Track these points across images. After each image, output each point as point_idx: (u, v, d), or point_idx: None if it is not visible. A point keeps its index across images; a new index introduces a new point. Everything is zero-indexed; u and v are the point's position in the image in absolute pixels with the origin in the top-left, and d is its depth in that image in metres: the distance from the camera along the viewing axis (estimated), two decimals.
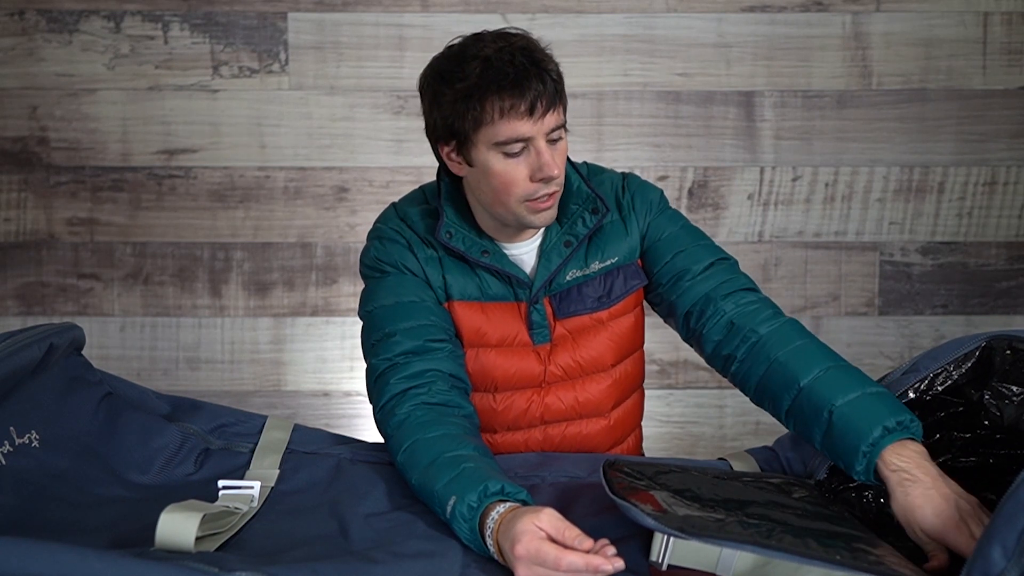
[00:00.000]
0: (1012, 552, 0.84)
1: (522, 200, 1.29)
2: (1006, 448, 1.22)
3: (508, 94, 1.23)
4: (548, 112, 1.25)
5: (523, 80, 1.24)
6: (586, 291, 1.39)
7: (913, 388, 1.23)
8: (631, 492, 1.04)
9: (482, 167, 1.29)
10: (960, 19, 2.46)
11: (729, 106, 2.47)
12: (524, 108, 1.24)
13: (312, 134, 2.47)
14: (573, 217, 1.37)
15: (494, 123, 1.25)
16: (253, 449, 1.28)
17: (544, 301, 1.38)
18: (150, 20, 2.43)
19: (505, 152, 1.27)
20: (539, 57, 1.27)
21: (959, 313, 2.52)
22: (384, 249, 1.38)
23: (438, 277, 1.36)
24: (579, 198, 1.38)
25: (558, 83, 1.28)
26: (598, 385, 1.41)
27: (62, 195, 2.47)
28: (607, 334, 1.40)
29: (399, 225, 1.40)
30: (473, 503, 1.07)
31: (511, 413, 1.40)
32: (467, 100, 1.25)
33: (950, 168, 2.49)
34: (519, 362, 1.38)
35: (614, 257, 1.40)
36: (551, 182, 1.28)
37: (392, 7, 2.44)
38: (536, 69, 1.25)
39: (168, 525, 0.95)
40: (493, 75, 1.24)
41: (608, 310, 1.40)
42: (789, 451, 1.31)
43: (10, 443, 1.07)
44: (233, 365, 2.51)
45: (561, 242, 1.37)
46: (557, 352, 1.39)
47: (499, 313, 1.37)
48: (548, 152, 1.26)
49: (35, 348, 1.14)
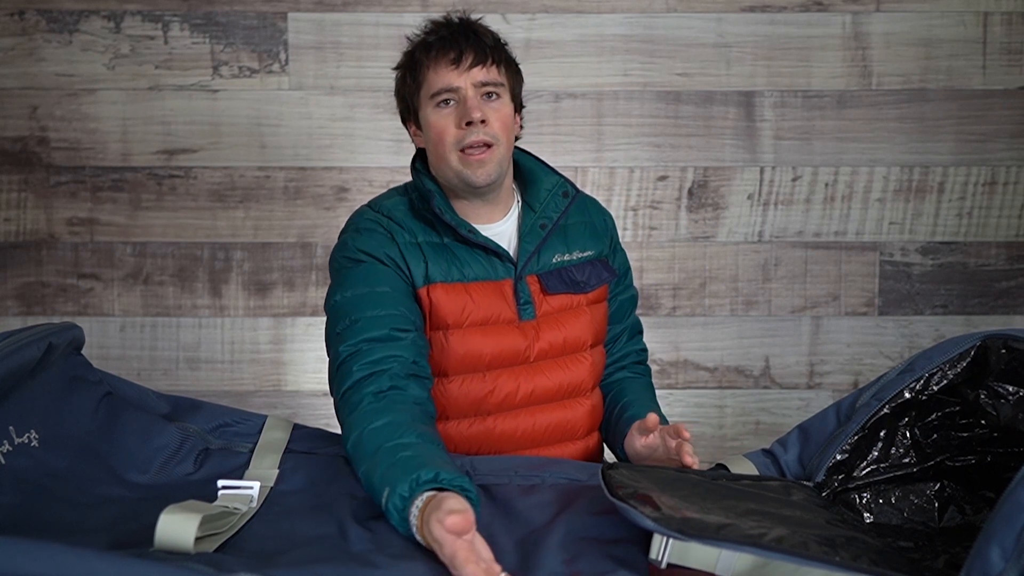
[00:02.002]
0: (1011, 553, 0.84)
1: (454, 149, 1.40)
2: (1003, 447, 1.22)
3: (437, 48, 1.40)
4: (476, 66, 1.39)
5: (450, 37, 1.40)
6: (570, 274, 1.49)
7: (909, 388, 1.23)
8: (630, 494, 1.04)
9: (425, 124, 1.43)
10: (960, 19, 2.46)
11: (729, 106, 2.47)
12: (451, 58, 1.39)
13: (312, 134, 2.47)
14: (543, 202, 1.49)
15: (427, 78, 1.41)
16: (252, 449, 1.28)
17: (528, 279, 1.45)
18: (150, 20, 2.44)
19: (437, 102, 1.40)
20: (473, 24, 1.43)
21: (959, 313, 2.52)
22: (362, 238, 1.42)
23: (419, 262, 1.41)
24: (547, 183, 1.50)
25: (493, 45, 1.42)
26: (580, 364, 1.49)
27: (62, 195, 2.47)
28: (587, 317, 1.50)
29: (375, 216, 1.45)
30: (404, 493, 1.06)
31: (500, 393, 1.43)
32: (409, 69, 1.44)
33: (950, 168, 2.49)
34: (504, 339, 1.43)
35: (591, 250, 1.53)
36: (478, 128, 1.38)
37: (392, 7, 2.44)
38: (465, 29, 1.42)
39: (167, 526, 0.95)
40: (425, 41, 1.43)
41: (587, 295, 1.50)
42: (787, 454, 1.31)
43: (9, 443, 1.07)
44: (233, 365, 2.51)
45: (537, 224, 1.47)
46: (543, 328, 1.45)
47: (482, 292, 1.43)
48: (474, 100, 1.39)
49: (34, 348, 1.14)
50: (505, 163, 1.44)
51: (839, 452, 1.24)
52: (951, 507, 1.25)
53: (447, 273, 1.41)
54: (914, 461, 1.26)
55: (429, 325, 1.41)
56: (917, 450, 1.26)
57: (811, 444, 1.29)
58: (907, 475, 1.26)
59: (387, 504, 1.07)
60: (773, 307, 2.51)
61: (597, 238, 1.55)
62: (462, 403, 1.43)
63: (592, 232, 1.55)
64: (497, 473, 1.25)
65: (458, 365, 1.41)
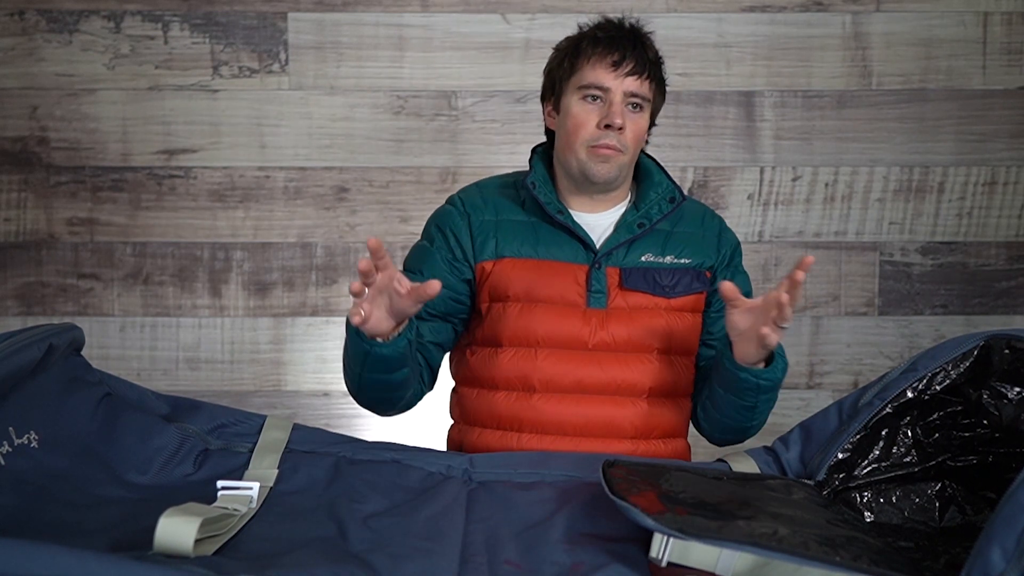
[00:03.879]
0: (1012, 554, 0.84)
1: (586, 144, 1.45)
2: (1005, 447, 1.22)
3: (602, 46, 1.45)
4: (632, 75, 1.44)
5: (618, 39, 1.45)
6: (656, 276, 1.49)
7: (911, 387, 1.23)
8: (630, 492, 1.04)
9: (564, 111, 1.48)
10: (960, 19, 2.46)
11: (729, 106, 2.47)
12: (611, 60, 1.44)
13: (312, 134, 2.47)
14: (650, 203, 1.52)
15: (582, 69, 1.45)
16: (252, 449, 1.27)
17: (608, 270, 1.48)
18: (150, 20, 2.43)
19: (584, 95, 1.45)
20: (641, 33, 1.48)
21: (959, 313, 2.52)
22: (442, 212, 1.57)
23: (489, 238, 1.50)
24: (659, 188, 1.53)
25: (653, 60, 1.48)
26: (640, 366, 1.47)
27: (62, 195, 2.47)
28: (663, 321, 1.48)
29: (469, 192, 1.57)
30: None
31: (550, 371, 1.46)
32: (568, 53, 1.48)
33: (950, 168, 2.49)
34: (565, 321, 1.46)
35: (689, 259, 1.52)
36: (614, 134, 1.44)
37: (392, 7, 2.43)
38: (634, 37, 1.47)
39: (167, 529, 0.94)
40: (594, 34, 1.47)
41: (670, 300, 1.49)
42: (788, 452, 1.31)
43: (9, 443, 1.07)
44: (233, 365, 2.51)
45: (635, 222, 1.50)
46: (611, 320, 1.46)
47: (553, 272, 1.47)
48: (620, 106, 1.44)
49: (35, 348, 1.14)
50: (627, 169, 1.50)
51: (841, 451, 1.24)
52: (952, 507, 1.25)
53: (520, 249, 1.49)
54: (915, 461, 1.26)
55: (489, 296, 1.50)
56: (918, 449, 1.26)
57: (813, 442, 1.29)
58: (908, 474, 1.26)
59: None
60: None
61: (702, 250, 1.54)
62: (510, 375, 1.47)
63: (698, 243, 1.54)
64: (497, 470, 1.25)
65: (512, 337, 1.47)
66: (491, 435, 1.50)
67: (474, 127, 2.47)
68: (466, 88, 2.46)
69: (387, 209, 2.48)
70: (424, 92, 2.46)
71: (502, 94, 2.46)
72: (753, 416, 1.44)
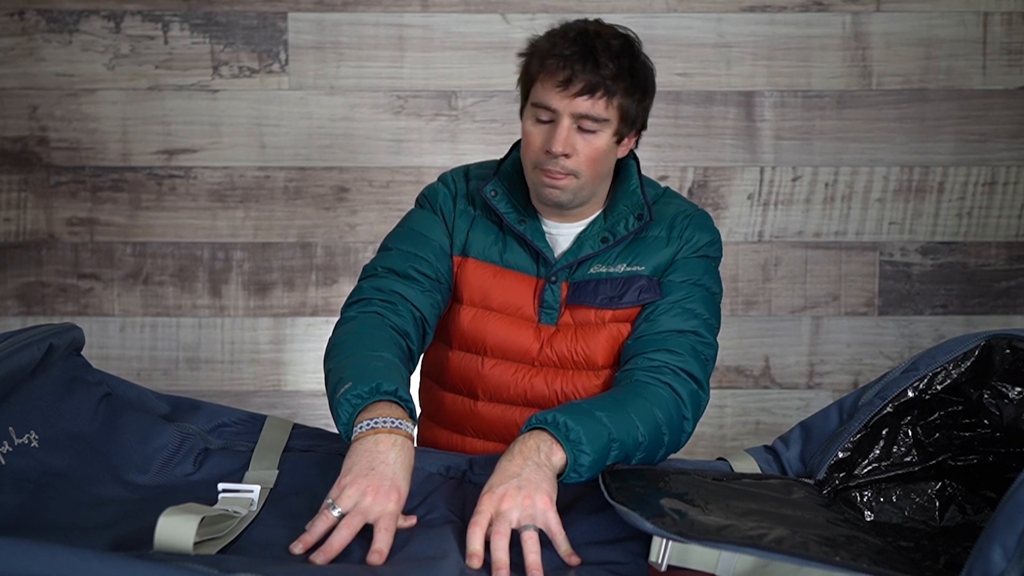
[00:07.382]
0: (1012, 553, 0.84)
1: (533, 166, 1.36)
2: (1005, 447, 1.22)
3: (553, 61, 1.31)
4: (583, 95, 1.30)
5: (567, 57, 1.30)
6: (601, 288, 1.40)
7: (912, 387, 1.23)
8: (629, 496, 1.04)
9: (522, 123, 1.38)
10: (960, 19, 2.46)
11: (729, 106, 2.47)
12: (560, 79, 1.30)
13: (312, 134, 2.47)
14: (618, 217, 1.42)
15: (535, 85, 1.34)
16: (252, 449, 1.28)
17: (562, 284, 1.42)
18: (150, 20, 2.43)
19: (535, 115, 1.34)
20: (598, 47, 1.30)
21: (959, 313, 2.52)
22: (433, 188, 1.49)
23: (462, 232, 1.44)
24: (630, 201, 1.43)
25: (612, 75, 1.30)
26: (587, 382, 1.42)
27: (62, 195, 2.47)
28: (605, 334, 1.41)
29: (458, 176, 1.50)
30: (364, 393, 1.12)
31: (495, 381, 1.43)
32: (526, 65, 1.38)
33: (950, 168, 2.49)
34: (516, 333, 1.42)
35: (643, 266, 1.41)
36: (557, 160, 1.32)
37: (392, 7, 2.43)
38: (590, 54, 1.30)
39: (167, 528, 0.95)
40: (554, 42, 1.33)
41: (613, 311, 1.40)
42: (788, 451, 1.31)
43: (9, 443, 1.07)
44: (233, 365, 2.51)
45: (599, 236, 1.42)
46: (558, 338, 1.42)
47: (511, 282, 1.43)
48: (566, 131, 1.31)
49: (35, 348, 1.14)
50: (585, 190, 1.38)
51: (841, 450, 1.24)
52: (952, 507, 1.25)
53: (485, 252, 1.44)
54: (916, 460, 1.26)
55: (452, 293, 1.45)
56: (919, 449, 1.26)
57: (813, 441, 1.29)
58: (908, 474, 1.26)
59: (345, 393, 1.13)
60: (773, 307, 2.51)
61: (661, 254, 1.41)
62: (455, 378, 1.46)
63: (660, 249, 1.41)
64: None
65: (461, 340, 1.44)
66: (439, 432, 1.52)
67: (474, 127, 2.47)
68: (466, 88, 2.46)
69: (387, 209, 2.48)
70: (424, 92, 2.46)
71: (502, 94, 2.46)
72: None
